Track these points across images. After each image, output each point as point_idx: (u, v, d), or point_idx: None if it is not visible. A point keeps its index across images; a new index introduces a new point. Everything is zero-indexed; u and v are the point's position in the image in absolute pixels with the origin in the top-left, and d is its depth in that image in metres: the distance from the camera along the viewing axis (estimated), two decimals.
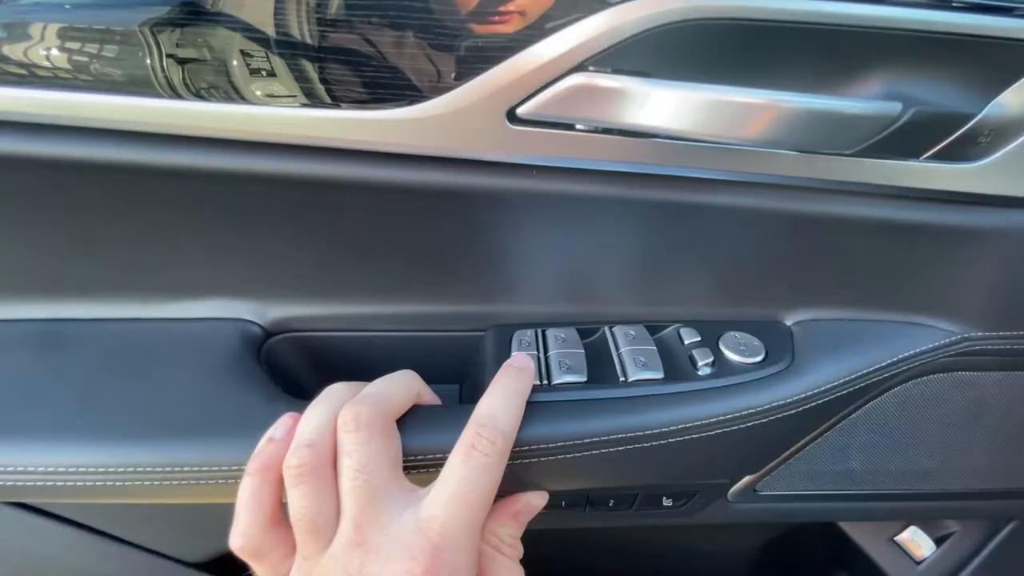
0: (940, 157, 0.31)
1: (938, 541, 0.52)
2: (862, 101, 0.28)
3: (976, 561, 0.51)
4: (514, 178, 0.31)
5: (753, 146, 0.29)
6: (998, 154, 0.30)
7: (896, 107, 0.28)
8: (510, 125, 0.28)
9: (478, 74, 0.27)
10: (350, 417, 0.28)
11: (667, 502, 0.40)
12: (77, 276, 0.35)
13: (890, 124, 0.28)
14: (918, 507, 0.46)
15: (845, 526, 0.55)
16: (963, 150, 0.30)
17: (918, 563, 0.53)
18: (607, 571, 0.63)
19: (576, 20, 0.26)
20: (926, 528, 0.53)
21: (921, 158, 0.31)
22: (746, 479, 0.41)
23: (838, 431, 0.39)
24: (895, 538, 0.53)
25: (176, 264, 0.35)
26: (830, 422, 0.39)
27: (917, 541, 0.53)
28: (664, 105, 0.27)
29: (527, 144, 0.29)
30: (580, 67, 0.27)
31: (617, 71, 0.27)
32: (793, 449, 0.39)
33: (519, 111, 0.28)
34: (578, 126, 0.29)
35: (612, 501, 0.40)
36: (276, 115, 0.28)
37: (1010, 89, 0.29)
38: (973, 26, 0.27)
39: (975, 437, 0.41)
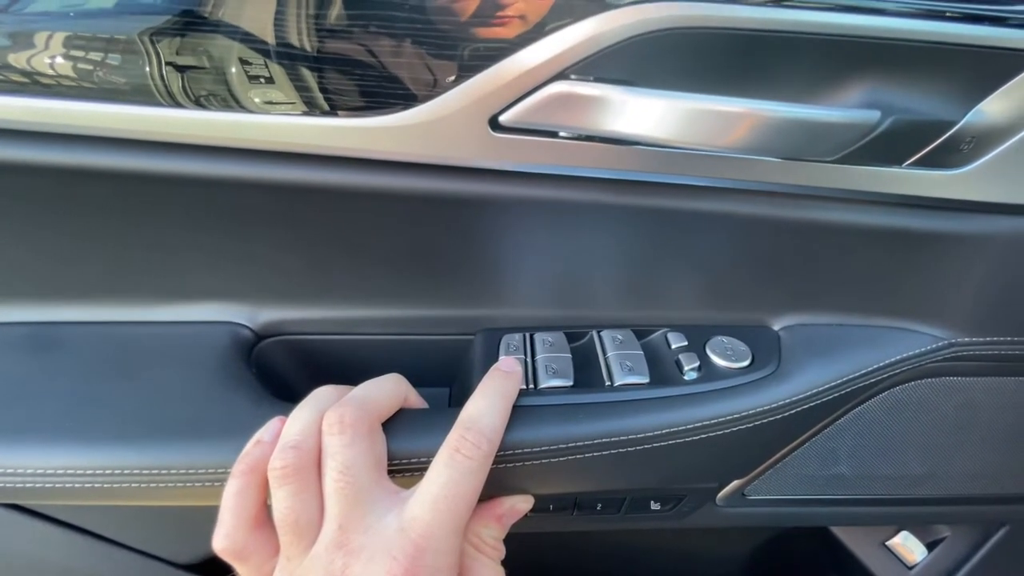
0: (922, 164, 0.31)
1: (930, 546, 0.52)
2: (840, 110, 0.28)
3: (968, 566, 0.51)
4: (498, 185, 0.31)
5: (733, 153, 0.30)
6: (980, 161, 0.31)
7: (875, 115, 0.28)
8: (493, 132, 0.29)
9: (463, 81, 0.28)
10: (335, 419, 0.28)
11: (655, 506, 0.41)
12: (69, 279, 0.35)
13: (869, 132, 0.29)
14: (909, 512, 0.46)
15: (836, 530, 0.55)
16: (945, 157, 0.31)
17: (910, 568, 0.52)
18: (596, 574, 0.63)
19: (558, 28, 0.26)
20: (918, 533, 0.53)
21: (903, 165, 0.31)
22: (734, 483, 0.41)
23: (826, 436, 0.40)
24: (887, 543, 0.53)
25: (168, 268, 0.35)
26: (818, 427, 0.39)
27: (909, 546, 0.52)
28: (645, 113, 0.27)
29: (510, 151, 0.29)
30: (562, 75, 0.27)
31: (599, 79, 0.27)
32: (781, 454, 0.40)
33: (501, 119, 0.28)
34: (561, 133, 0.29)
35: (600, 505, 0.40)
36: (264, 123, 0.29)
37: (991, 96, 0.29)
38: (954, 35, 0.27)
39: (964, 442, 0.41)
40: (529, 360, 0.35)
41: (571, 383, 0.34)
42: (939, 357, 0.37)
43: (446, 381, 0.41)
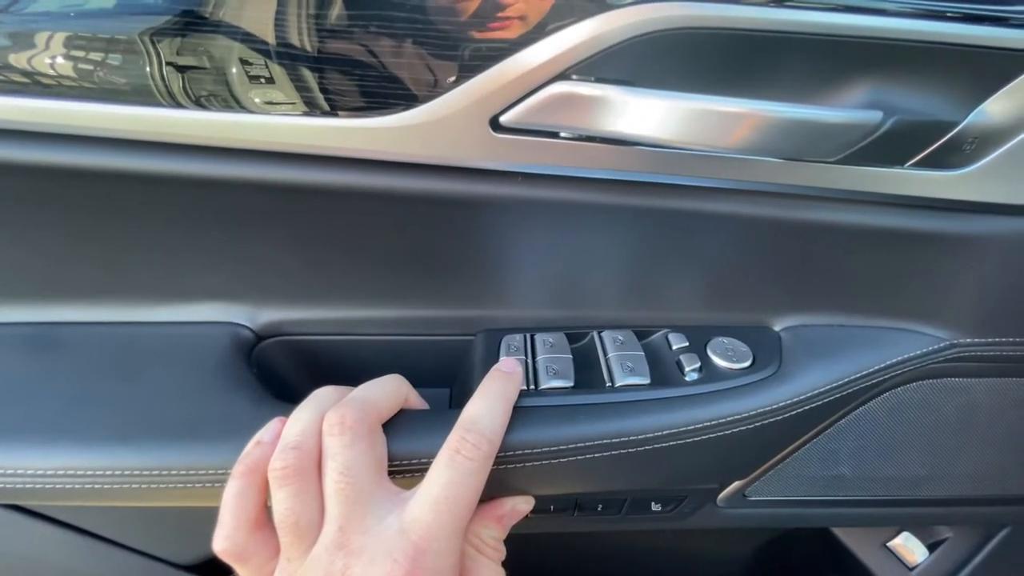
0: (925, 164, 0.31)
1: (931, 547, 0.52)
2: (842, 110, 0.28)
3: (969, 567, 0.51)
4: (499, 185, 0.31)
5: (734, 154, 0.30)
6: (983, 161, 0.31)
7: (876, 115, 0.28)
8: (494, 133, 0.28)
9: (464, 81, 0.28)
10: (336, 420, 0.28)
11: (656, 507, 0.41)
12: (69, 280, 0.35)
13: (871, 133, 0.28)
14: (910, 513, 0.46)
15: (838, 531, 0.55)
16: (948, 157, 0.31)
17: (911, 569, 0.52)
18: (597, 575, 0.63)
19: (559, 28, 0.26)
20: (919, 534, 0.52)
21: (906, 165, 0.31)
22: (735, 484, 0.41)
23: (827, 437, 0.39)
24: (888, 544, 0.53)
25: (168, 268, 0.35)
26: (819, 428, 0.39)
27: (910, 547, 0.52)
28: (646, 114, 0.27)
29: (511, 152, 0.29)
30: (563, 75, 0.27)
31: (600, 80, 0.27)
32: (782, 455, 0.39)
33: (502, 119, 0.28)
34: (562, 134, 0.29)
35: (600, 505, 0.40)
36: (265, 123, 0.29)
37: (994, 97, 0.29)
38: (955, 35, 0.27)
39: (966, 443, 0.41)
40: (530, 361, 0.35)
41: (572, 384, 0.34)
42: (941, 358, 0.37)
43: (446, 382, 0.41)
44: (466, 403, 0.30)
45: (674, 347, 0.37)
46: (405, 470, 0.30)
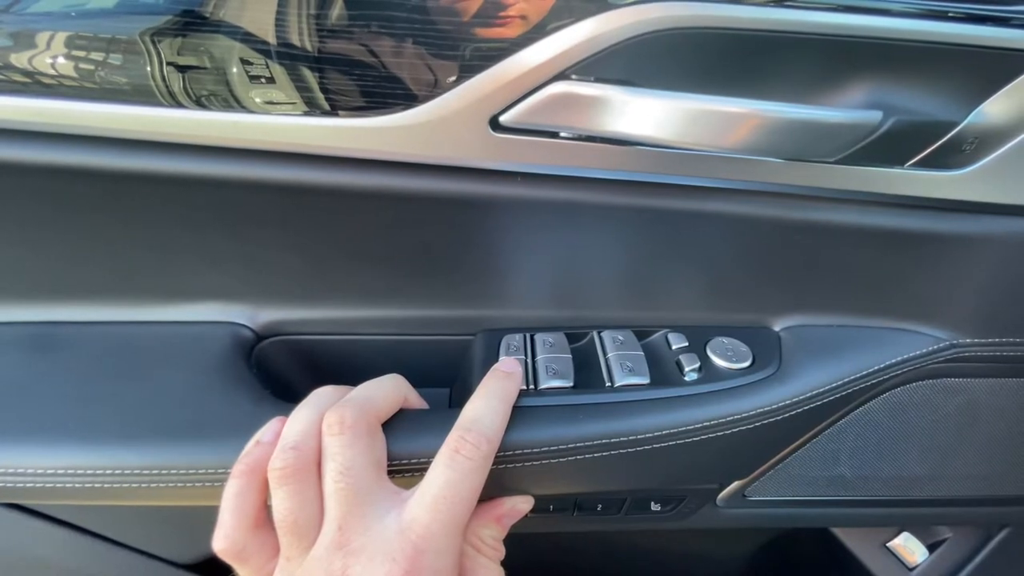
0: (924, 165, 0.31)
1: (931, 547, 0.52)
2: (842, 110, 0.28)
3: (969, 567, 0.51)
4: (499, 185, 0.31)
5: (734, 154, 0.30)
6: (982, 162, 0.31)
7: (876, 116, 0.28)
8: (493, 133, 0.29)
9: (464, 81, 0.28)
10: (335, 420, 0.28)
11: (655, 507, 0.41)
12: (71, 279, 0.35)
13: (870, 133, 0.28)
14: (910, 513, 0.46)
15: (838, 531, 0.55)
16: (947, 158, 0.30)
17: (911, 569, 0.52)
18: (596, 575, 0.63)
19: (559, 28, 0.26)
20: (919, 534, 0.52)
21: (905, 166, 0.31)
22: (735, 484, 0.41)
23: (827, 437, 0.39)
24: (888, 544, 0.53)
25: (169, 268, 0.35)
26: (818, 428, 0.39)
27: (910, 547, 0.52)
28: (646, 113, 0.27)
29: (511, 152, 0.29)
30: (562, 75, 0.27)
31: (600, 79, 0.27)
32: (782, 455, 0.39)
33: (502, 119, 0.28)
34: (562, 134, 0.29)
35: (600, 505, 0.40)
36: (265, 123, 0.29)
37: (993, 97, 0.29)
38: (956, 35, 0.27)
39: (966, 444, 0.41)
40: (529, 361, 0.35)
41: (571, 384, 0.34)
42: (940, 358, 0.37)
43: (446, 382, 0.41)
44: (466, 403, 0.31)
45: (674, 347, 0.37)
46: (404, 470, 0.30)
